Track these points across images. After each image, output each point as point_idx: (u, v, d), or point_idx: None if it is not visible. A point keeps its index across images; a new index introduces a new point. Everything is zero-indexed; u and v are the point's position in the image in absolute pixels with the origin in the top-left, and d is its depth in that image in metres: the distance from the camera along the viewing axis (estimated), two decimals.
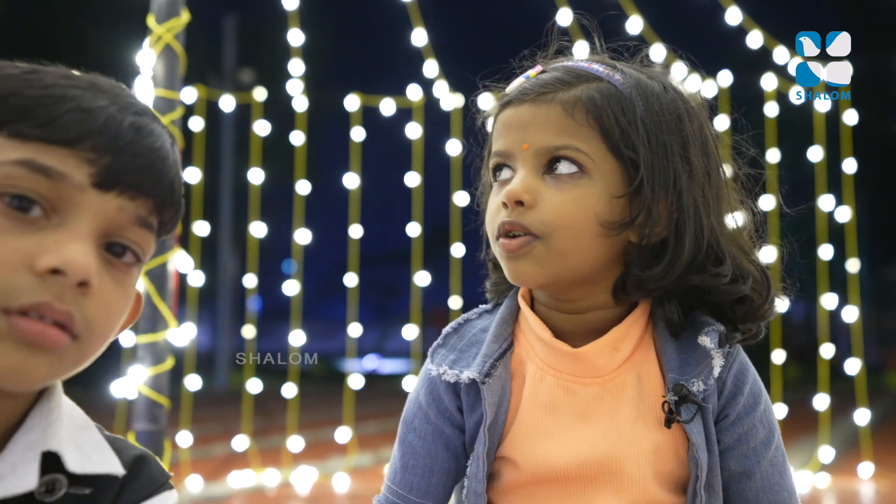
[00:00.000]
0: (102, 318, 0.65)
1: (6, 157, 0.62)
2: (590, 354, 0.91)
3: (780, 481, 0.92)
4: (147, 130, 0.68)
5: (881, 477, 4.72)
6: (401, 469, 0.96)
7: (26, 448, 0.66)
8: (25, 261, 0.61)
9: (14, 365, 0.61)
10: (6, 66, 0.67)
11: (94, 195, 0.64)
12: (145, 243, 0.69)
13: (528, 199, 0.88)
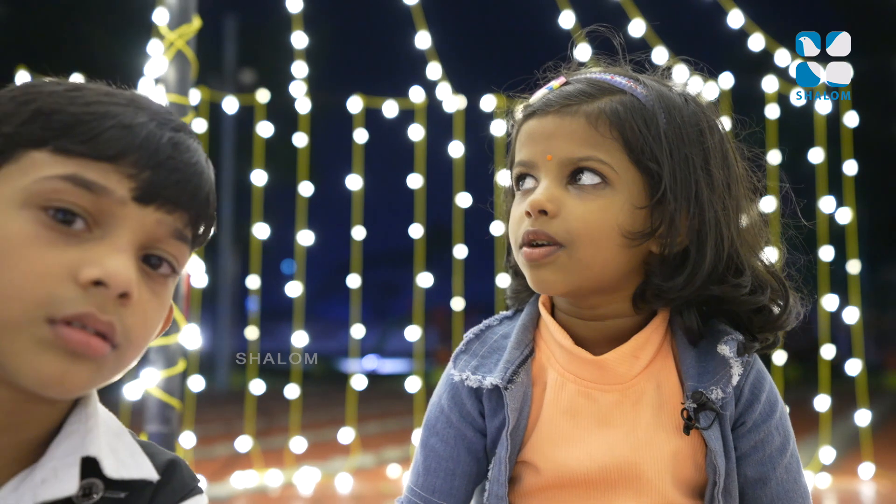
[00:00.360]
0: (140, 328, 0.67)
1: (52, 173, 0.64)
2: (611, 362, 0.93)
3: (794, 487, 0.94)
4: (184, 146, 0.69)
5: (882, 477, 4.74)
6: (423, 472, 0.98)
7: (66, 453, 0.68)
8: (70, 272, 0.63)
9: (58, 373, 0.62)
10: (48, 84, 0.69)
11: (134, 209, 0.66)
12: (181, 255, 0.71)
13: (552, 209, 0.90)
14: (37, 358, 0.62)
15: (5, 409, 0.65)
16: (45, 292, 0.62)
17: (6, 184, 0.64)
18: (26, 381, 0.62)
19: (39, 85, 0.69)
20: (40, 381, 0.62)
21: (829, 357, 4.76)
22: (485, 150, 4.45)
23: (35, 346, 0.62)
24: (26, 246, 0.62)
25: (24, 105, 0.66)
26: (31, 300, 0.61)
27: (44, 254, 0.62)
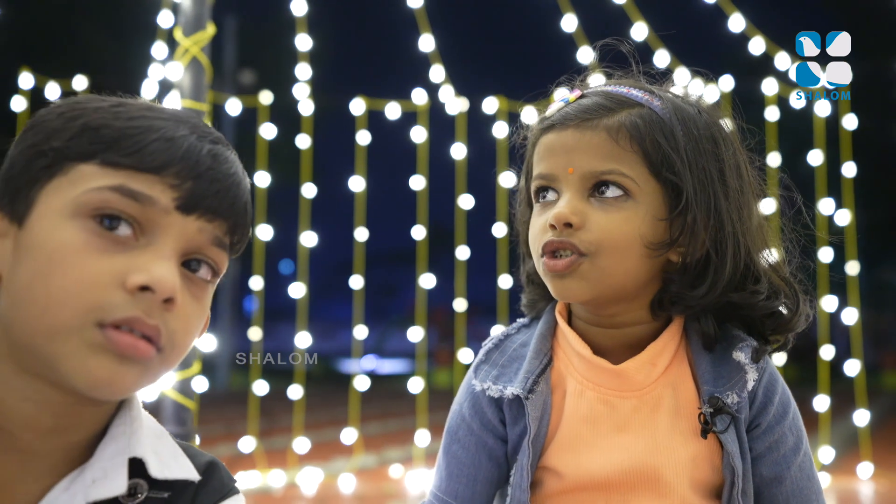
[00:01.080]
0: (183, 331, 0.70)
1: (100, 184, 0.67)
2: (629, 370, 0.95)
3: (808, 484, 0.97)
4: (223, 157, 0.72)
5: (880, 477, 4.78)
6: (446, 477, 1.00)
7: (114, 454, 0.71)
8: (118, 279, 0.65)
9: (107, 375, 0.65)
10: (94, 100, 0.72)
11: (177, 217, 0.69)
12: (220, 261, 0.74)
13: (577, 221, 0.92)
14: (87, 361, 0.65)
15: (55, 412, 0.68)
16: (96, 298, 0.64)
17: (56, 195, 0.67)
18: (77, 382, 0.65)
19: (84, 101, 0.72)
20: (91, 383, 0.65)
21: (829, 358, 4.79)
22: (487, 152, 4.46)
23: (86, 350, 0.64)
24: (77, 254, 0.65)
25: (71, 121, 0.69)
26: (82, 305, 0.64)
27: (93, 261, 0.65)
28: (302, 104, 4.70)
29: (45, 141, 0.69)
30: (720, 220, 0.93)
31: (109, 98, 0.73)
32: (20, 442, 0.68)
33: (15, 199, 0.69)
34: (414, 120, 4.77)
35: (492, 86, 4.93)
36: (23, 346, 0.66)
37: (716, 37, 4.64)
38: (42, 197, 0.68)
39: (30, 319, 0.65)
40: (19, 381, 0.67)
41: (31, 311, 0.65)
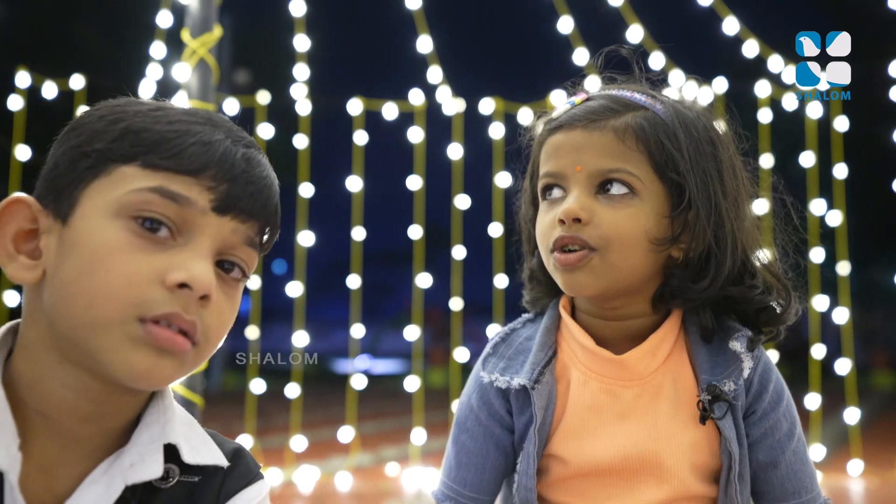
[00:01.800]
0: (217, 327, 0.74)
1: (142, 185, 0.70)
2: (631, 360, 1.00)
3: (802, 468, 1.01)
4: (256, 161, 0.76)
5: (870, 474, 4.84)
6: (455, 466, 1.05)
7: (150, 440, 0.75)
8: (158, 276, 0.69)
9: (147, 367, 0.69)
10: (133, 103, 0.75)
11: (213, 218, 0.73)
12: (251, 261, 0.77)
13: (585, 217, 0.96)
14: (129, 353, 0.68)
15: (94, 400, 0.72)
16: (137, 294, 0.68)
17: (99, 195, 0.71)
18: (118, 374, 0.69)
19: (124, 104, 0.75)
20: (131, 375, 0.69)
21: (820, 357, 4.85)
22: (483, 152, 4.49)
23: (127, 343, 0.68)
24: (119, 252, 0.69)
25: (113, 124, 0.73)
26: (124, 301, 0.68)
27: (135, 259, 0.69)
28: (299, 104, 4.73)
29: (88, 143, 0.72)
30: (720, 217, 0.98)
31: (148, 102, 0.76)
32: (61, 427, 0.72)
33: (59, 197, 0.72)
34: (411, 120, 4.80)
35: (488, 87, 4.97)
36: (66, 337, 0.70)
37: (710, 39, 4.69)
38: (86, 196, 0.71)
39: (75, 313, 0.69)
40: (61, 369, 0.71)
41: (76, 305, 0.68)
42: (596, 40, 4.92)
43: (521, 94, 4.79)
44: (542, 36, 5.34)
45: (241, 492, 0.80)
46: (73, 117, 2.65)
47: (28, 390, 0.71)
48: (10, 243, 0.73)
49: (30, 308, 0.73)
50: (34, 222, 0.73)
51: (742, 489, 0.98)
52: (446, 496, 1.05)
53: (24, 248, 0.73)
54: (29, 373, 0.72)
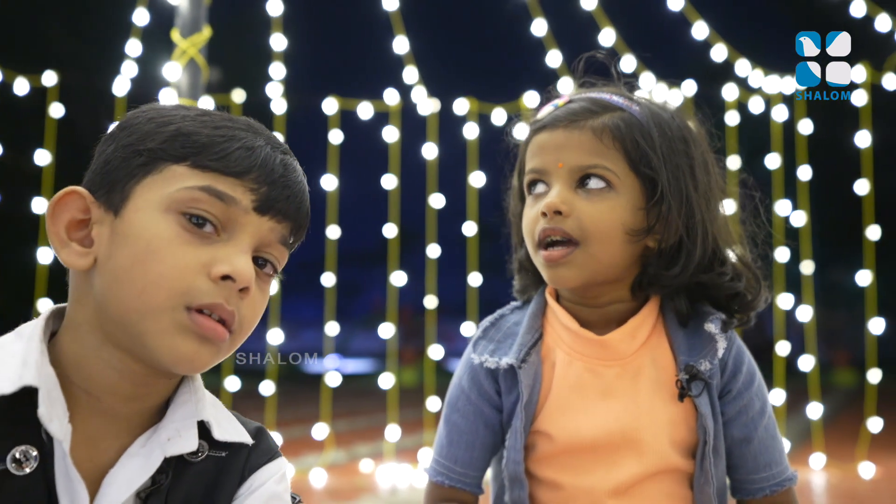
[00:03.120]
0: (251, 318, 0.80)
1: (192, 184, 0.76)
2: (612, 341, 1.07)
3: (772, 443, 1.09)
4: (292, 167, 0.82)
5: (832, 467, 4.99)
6: (447, 444, 1.11)
7: (184, 417, 0.80)
8: (204, 268, 0.75)
9: (189, 353, 0.75)
10: (180, 108, 0.81)
11: (254, 217, 0.79)
12: (282, 258, 0.84)
13: (566, 210, 1.04)
14: (174, 339, 0.74)
15: (134, 381, 0.78)
16: (186, 284, 0.74)
17: (152, 191, 0.76)
18: (163, 357, 0.74)
19: (170, 108, 0.81)
20: (175, 359, 0.75)
21: (784, 353, 4.98)
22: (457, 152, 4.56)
23: (174, 329, 0.74)
24: (170, 244, 0.74)
25: (163, 125, 0.78)
26: (174, 290, 0.74)
27: (184, 251, 0.75)
28: (274, 103, 4.74)
29: (140, 142, 0.78)
30: (691, 209, 1.05)
31: (191, 107, 0.83)
32: (104, 405, 0.77)
33: (111, 191, 0.77)
34: (386, 120, 4.85)
35: (463, 87, 5.03)
36: (116, 321, 0.75)
37: (680, 43, 4.80)
38: (138, 191, 0.77)
39: (127, 298, 0.74)
40: (105, 351, 0.76)
41: (128, 292, 0.74)
42: (569, 43, 5.00)
43: (495, 94, 4.87)
44: (516, 38, 5.41)
45: (264, 467, 0.86)
46: (45, 114, 2.71)
47: (74, 369, 0.76)
48: (63, 231, 0.78)
49: (77, 292, 0.78)
50: (86, 213, 0.78)
51: (717, 462, 1.05)
52: (438, 472, 1.10)
53: (75, 236, 0.78)
54: (75, 353, 0.77)
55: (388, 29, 4.64)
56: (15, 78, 4.78)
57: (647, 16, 5.15)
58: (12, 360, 0.73)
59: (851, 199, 5.17)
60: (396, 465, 4.88)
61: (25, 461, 0.71)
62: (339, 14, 20.29)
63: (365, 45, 7.67)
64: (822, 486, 4.67)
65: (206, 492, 0.81)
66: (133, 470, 0.76)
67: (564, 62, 4.77)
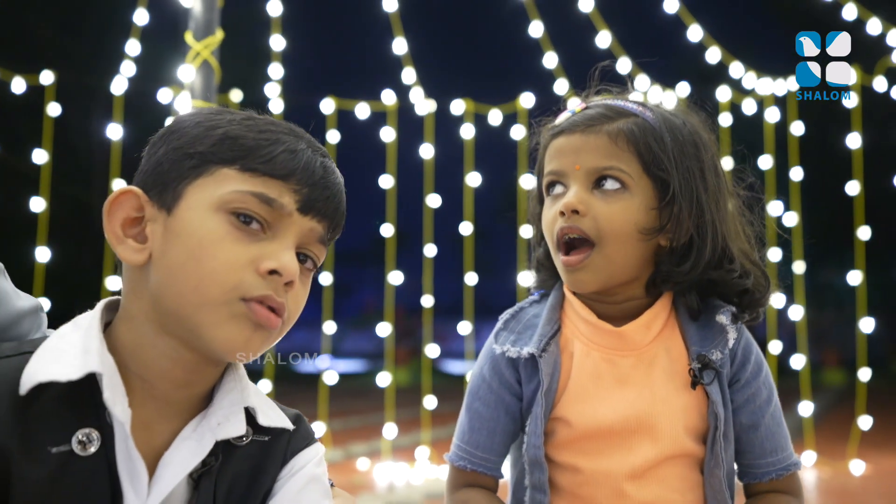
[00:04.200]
0: (295, 309, 0.85)
1: (242, 188, 0.81)
2: (628, 332, 1.12)
3: (778, 430, 1.15)
4: (331, 169, 0.87)
5: (822, 464, 5.06)
6: (468, 431, 1.15)
7: (231, 404, 0.85)
8: (252, 263, 0.80)
9: (244, 340, 0.79)
10: (224, 112, 0.86)
11: (297, 217, 0.83)
12: (321, 255, 0.88)
13: (582, 209, 1.09)
14: (230, 328, 0.79)
15: (186, 368, 0.82)
16: (237, 278, 0.79)
17: (203, 191, 0.81)
18: (218, 346, 0.79)
19: (216, 112, 0.85)
20: (230, 347, 0.79)
21: (776, 352, 5.04)
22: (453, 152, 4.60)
23: (229, 319, 0.78)
24: (221, 241, 0.79)
25: (211, 129, 0.83)
26: (227, 284, 0.78)
27: (234, 248, 0.79)
28: (272, 103, 4.78)
29: (190, 145, 0.82)
30: (701, 209, 1.10)
31: (234, 112, 0.86)
32: (157, 391, 0.81)
33: (164, 191, 0.82)
34: (383, 120, 4.88)
35: (460, 88, 5.07)
36: (171, 313, 0.79)
37: (675, 46, 4.85)
38: (189, 191, 0.81)
39: (182, 292, 0.78)
40: (160, 340, 0.81)
41: (184, 286, 0.78)
42: (565, 45, 5.06)
43: (492, 95, 4.92)
44: (513, 40, 5.46)
45: (304, 451, 0.91)
46: (43, 113, 2.75)
47: (130, 357, 0.81)
48: (119, 228, 0.82)
49: (133, 286, 0.83)
50: (140, 211, 0.83)
51: (726, 447, 1.10)
52: (460, 458, 1.15)
53: (130, 232, 0.82)
54: (131, 341, 0.81)
55: (385, 31, 4.69)
56: (12, 77, 4.79)
57: (643, 18, 5.21)
58: (73, 349, 0.78)
59: (842, 200, 5.24)
60: (393, 463, 4.92)
61: (88, 443, 0.76)
62: (337, 16, 20.33)
63: (362, 47, 7.73)
64: (812, 483, 4.73)
65: (252, 473, 0.86)
66: (187, 452, 0.80)
67: (560, 64, 4.82)
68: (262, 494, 0.87)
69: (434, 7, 18.27)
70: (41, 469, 0.73)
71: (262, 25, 4.56)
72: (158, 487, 0.78)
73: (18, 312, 0.91)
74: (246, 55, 7.69)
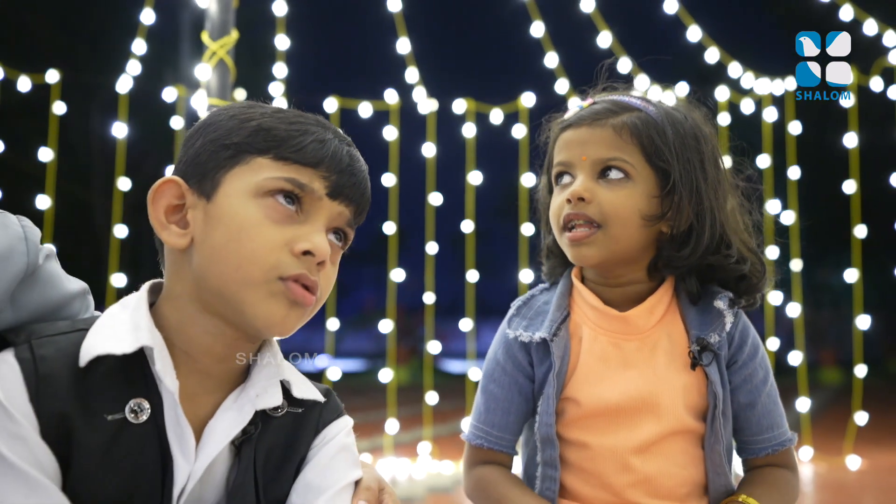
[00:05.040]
0: (327, 286, 0.91)
1: (276, 175, 0.87)
2: (633, 317, 1.19)
3: (774, 408, 1.22)
4: (356, 157, 0.93)
5: (819, 460, 5.12)
6: (484, 411, 1.23)
7: (268, 377, 0.91)
8: (287, 245, 0.86)
9: (282, 316, 0.86)
10: (256, 106, 0.92)
11: (327, 202, 0.90)
12: (349, 235, 0.95)
13: (588, 196, 1.16)
14: (269, 305, 0.85)
15: (226, 344, 0.88)
16: (275, 258, 0.85)
17: (241, 179, 0.87)
18: (258, 321, 0.85)
19: (248, 106, 0.92)
20: (269, 322, 0.85)
21: (774, 348, 5.11)
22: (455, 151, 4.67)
23: (269, 297, 0.84)
24: (258, 225, 0.85)
25: (245, 122, 0.89)
26: (265, 264, 0.84)
27: (270, 231, 0.85)
28: (276, 102, 4.82)
29: (227, 136, 0.88)
30: (700, 198, 1.17)
31: (265, 105, 0.93)
32: (200, 365, 0.88)
33: (203, 179, 0.88)
34: (386, 119, 4.94)
35: (461, 88, 5.13)
36: (214, 292, 0.85)
37: (674, 46, 4.91)
38: (227, 179, 0.87)
39: (224, 272, 0.84)
40: (202, 318, 0.87)
41: (225, 267, 0.85)
42: (566, 44, 5.11)
43: (493, 95, 4.97)
44: (514, 40, 5.52)
45: (334, 422, 0.97)
46: (49, 111, 2.83)
47: (175, 333, 0.87)
48: (162, 215, 0.89)
49: (175, 268, 0.89)
50: (181, 198, 0.89)
51: (725, 424, 1.17)
52: (477, 436, 1.22)
53: (172, 219, 0.89)
54: (175, 319, 0.88)
55: (388, 31, 4.74)
56: (18, 76, 4.84)
57: (643, 19, 5.27)
58: (124, 326, 0.84)
59: (839, 199, 5.30)
60: (395, 459, 4.98)
61: (140, 411, 0.82)
62: (342, 16, 20.43)
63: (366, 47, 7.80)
64: (809, 478, 4.79)
65: (287, 442, 0.92)
66: (229, 421, 0.87)
67: (561, 64, 4.88)
68: (297, 461, 0.93)
69: (437, 8, 18.40)
70: (98, 435, 0.80)
71: (266, 25, 4.62)
72: (205, 452, 0.85)
73: (70, 294, 0.96)
74: (250, 54, 7.75)
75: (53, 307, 0.94)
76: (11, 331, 0.85)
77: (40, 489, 0.76)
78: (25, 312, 0.90)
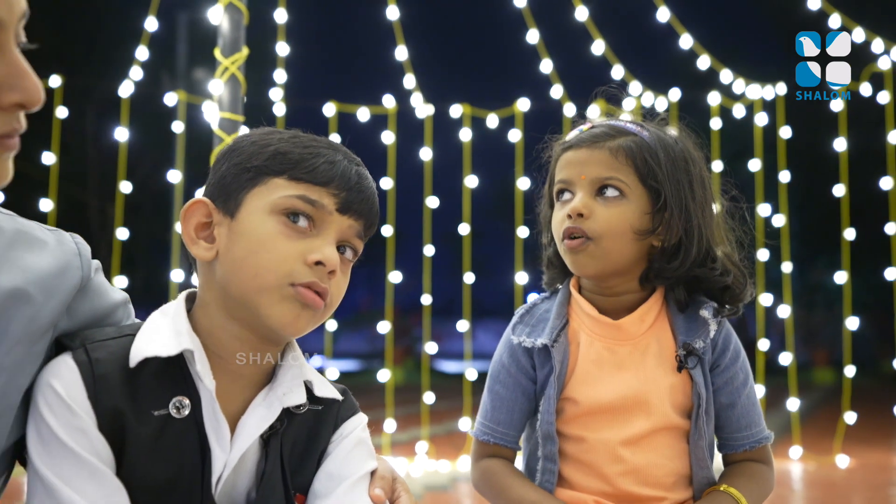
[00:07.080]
0: (338, 293, 1.00)
1: (290, 193, 0.96)
2: (625, 324, 1.30)
3: (752, 409, 1.33)
4: (364, 176, 1.02)
5: (809, 458, 5.22)
6: (490, 410, 1.34)
7: (293, 378, 1.01)
8: (301, 256, 0.95)
9: (293, 317, 0.95)
10: (274, 132, 1.02)
11: (337, 216, 0.98)
12: (359, 248, 1.03)
13: (586, 212, 1.26)
14: (282, 307, 0.94)
15: (254, 348, 0.98)
16: (289, 268, 0.94)
17: (259, 198, 0.97)
18: (272, 322, 0.94)
19: (267, 133, 1.02)
20: (282, 323, 0.94)
21: (765, 349, 5.20)
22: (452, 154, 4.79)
23: (281, 300, 0.94)
24: (275, 239, 0.95)
25: (264, 147, 0.99)
26: (280, 273, 0.94)
27: (286, 244, 0.95)
28: (276, 106, 4.91)
29: (248, 161, 0.98)
30: (688, 215, 1.27)
31: (283, 131, 1.03)
32: (230, 366, 0.97)
33: (227, 199, 0.98)
34: (383, 124, 5.02)
35: (458, 93, 5.21)
36: (236, 299, 0.95)
37: (666, 53, 5.00)
38: (248, 199, 0.97)
39: (244, 281, 0.94)
40: (228, 324, 0.97)
41: (245, 275, 0.94)
42: (561, 51, 5.20)
43: (489, 100, 5.06)
44: (509, 46, 5.60)
45: (351, 418, 1.06)
46: (52, 115, 2.92)
47: (207, 338, 0.97)
48: (192, 231, 0.99)
49: (205, 279, 0.99)
50: (208, 216, 0.99)
51: (707, 422, 1.28)
52: (483, 433, 1.33)
53: (201, 235, 0.99)
54: (207, 325, 0.97)
55: (386, 38, 4.82)
56: None
57: (636, 27, 5.36)
58: (167, 331, 0.94)
59: (829, 202, 5.39)
60: (392, 458, 5.05)
61: (182, 408, 0.92)
62: (341, 24, 20.53)
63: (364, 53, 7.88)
64: (799, 476, 4.89)
65: (309, 436, 1.02)
66: (259, 417, 0.96)
67: (556, 70, 4.97)
68: (319, 453, 1.02)
69: (434, 16, 18.53)
70: (147, 429, 0.90)
71: (269, 35, 4.69)
72: (238, 444, 0.94)
73: (115, 303, 1.06)
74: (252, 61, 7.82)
75: (101, 315, 1.03)
76: (67, 336, 0.95)
77: (99, 475, 0.87)
78: (78, 320, 0.99)
